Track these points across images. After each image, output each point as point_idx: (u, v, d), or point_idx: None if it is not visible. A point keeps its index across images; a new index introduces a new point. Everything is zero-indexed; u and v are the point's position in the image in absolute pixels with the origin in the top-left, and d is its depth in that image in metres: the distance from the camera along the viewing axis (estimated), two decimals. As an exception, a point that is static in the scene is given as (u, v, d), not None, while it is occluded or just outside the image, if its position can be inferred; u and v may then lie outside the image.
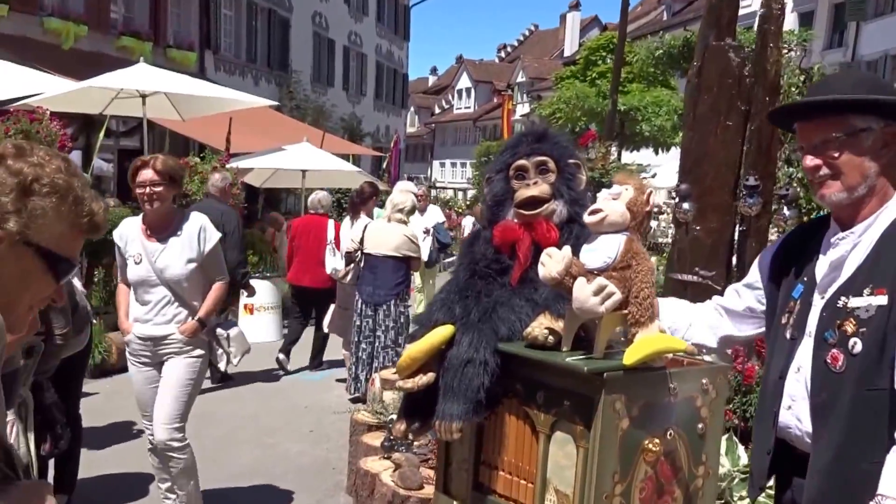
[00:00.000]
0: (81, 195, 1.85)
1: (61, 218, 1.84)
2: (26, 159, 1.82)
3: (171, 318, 5.62)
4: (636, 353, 2.23)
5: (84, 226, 1.88)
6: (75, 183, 1.85)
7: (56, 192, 1.82)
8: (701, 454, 2.49)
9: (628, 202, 2.37)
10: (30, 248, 1.81)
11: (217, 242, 5.74)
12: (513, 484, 2.61)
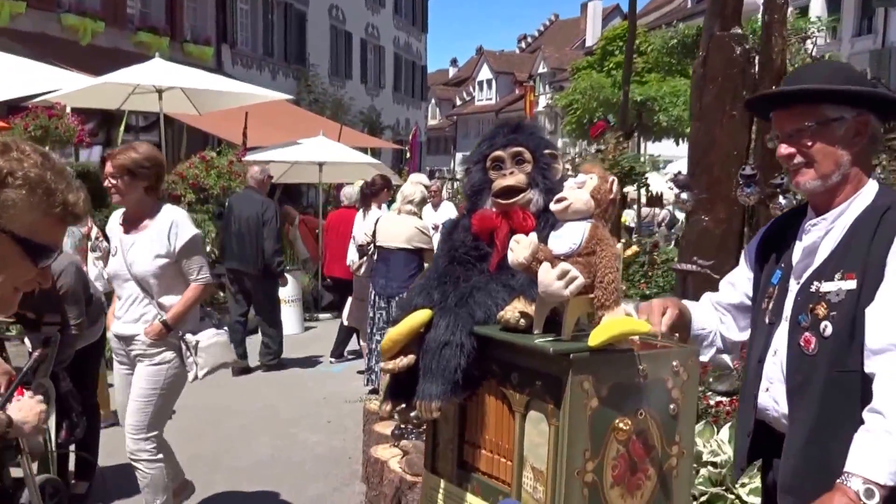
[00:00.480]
0: (54, 187, 1.97)
1: (32, 207, 1.97)
2: (6, 155, 1.95)
3: (138, 318, 5.34)
4: (601, 335, 2.32)
5: (58, 214, 2.00)
6: (48, 176, 1.97)
7: (27, 183, 1.95)
8: (674, 434, 2.57)
9: (592, 190, 2.46)
10: (5, 235, 1.94)
11: (192, 239, 5.37)
12: (494, 461, 2.71)
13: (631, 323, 2.37)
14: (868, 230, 2.63)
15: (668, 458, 2.57)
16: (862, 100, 2.73)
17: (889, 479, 2.28)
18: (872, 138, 2.79)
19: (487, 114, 72.77)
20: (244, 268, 11.09)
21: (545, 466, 2.44)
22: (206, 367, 5.47)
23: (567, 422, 2.35)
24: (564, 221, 2.49)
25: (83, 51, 20.62)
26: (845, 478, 2.33)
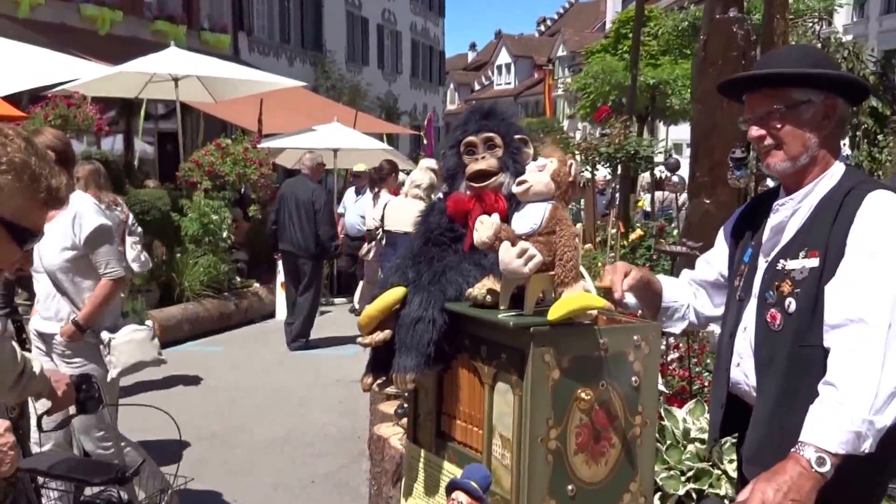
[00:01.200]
0: (39, 172, 2.10)
1: (19, 192, 2.09)
2: None
3: (54, 314, 5.10)
4: (559, 310, 2.45)
5: (43, 199, 2.13)
6: (32, 161, 2.09)
7: (13, 169, 2.07)
8: (637, 405, 2.69)
9: (552, 173, 2.59)
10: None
11: (97, 230, 5.08)
12: (467, 431, 2.85)
13: (588, 298, 2.51)
14: (831, 210, 2.72)
15: (632, 427, 2.70)
16: (830, 84, 2.82)
17: (840, 448, 2.37)
18: (840, 121, 2.89)
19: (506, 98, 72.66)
20: (295, 250, 11.58)
21: (511, 434, 2.58)
22: (119, 366, 5.18)
23: (530, 392, 2.48)
24: (526, 203, 2.62)
25: (102, 40, 20.84)
26: (799, 447, 2.41)
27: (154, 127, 22.88)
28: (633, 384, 2.68)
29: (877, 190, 2.70)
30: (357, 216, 14.43)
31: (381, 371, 2.94)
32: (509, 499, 2.61)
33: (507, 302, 2.63)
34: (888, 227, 2.60)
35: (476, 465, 2.64)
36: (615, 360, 2.63)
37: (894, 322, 2.48)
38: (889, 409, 2.42)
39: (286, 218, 11.64)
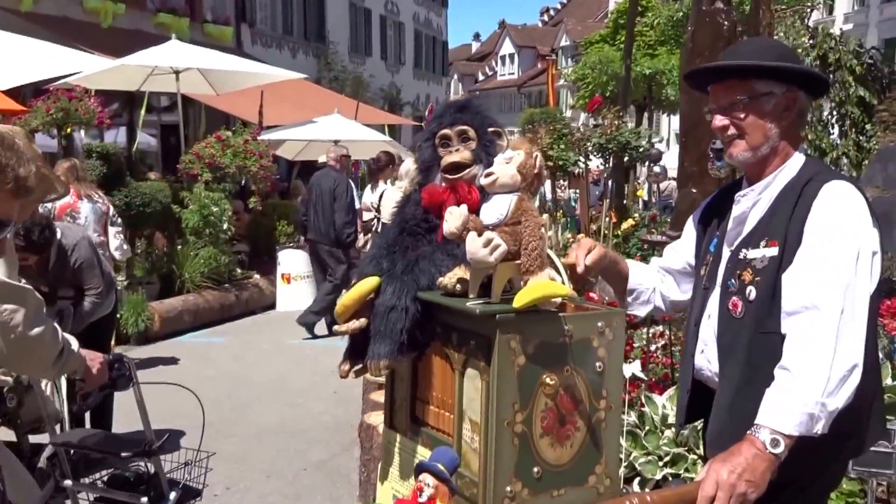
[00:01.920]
0: (4, 162, 2.16)
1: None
2: None
3: None
4: (524, 298, 2.54)
5: (10, 189, 2.20)
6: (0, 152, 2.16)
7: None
8: (601, 390, 2.78)
9: (519, 165, 2.68)
10: None
11: None
12: (440, 416, 2.95)
13: (552, 287, 2.60)
14: (790, 201, 2.81)
15: (597, 411, 2.79)
16: (791, 76, 2.91)
17: (794, 430, 2.46)
18: (800, 113, 2.98)
19: (510, 88, 72.66)
20: (319, 238, 11.82)
21: (479, 418, 2.67)
22: None
23: (496, 377, 2.58)
24: (494, 194, 2.71)
25: (105, 33, 20.94)
26: (755, 429, 2.50)
27: (157, 119, 22.95)
28: (597, 369, 2.77)
29: (833, 180, 2.79)
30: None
31: (357, 358, 3.03)
32: (477, 481, 2.70)
33: (477, 290, 2.72)
34: (841, 216, 2.69)
35: (443, 448, 2.73)
36: (580, 346, 2.72)
37: (846, 308, 2.57)
38: (841, 391, 2.51)
39: (312, 208, 11.99)
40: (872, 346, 2.81)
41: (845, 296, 2.58)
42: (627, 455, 4.81)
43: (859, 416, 2.79)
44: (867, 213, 2.74)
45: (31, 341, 3.18)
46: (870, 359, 2.71)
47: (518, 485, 2.67)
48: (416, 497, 2.66)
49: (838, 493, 4.50)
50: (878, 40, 37.46)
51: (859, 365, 2.55)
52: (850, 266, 2.62)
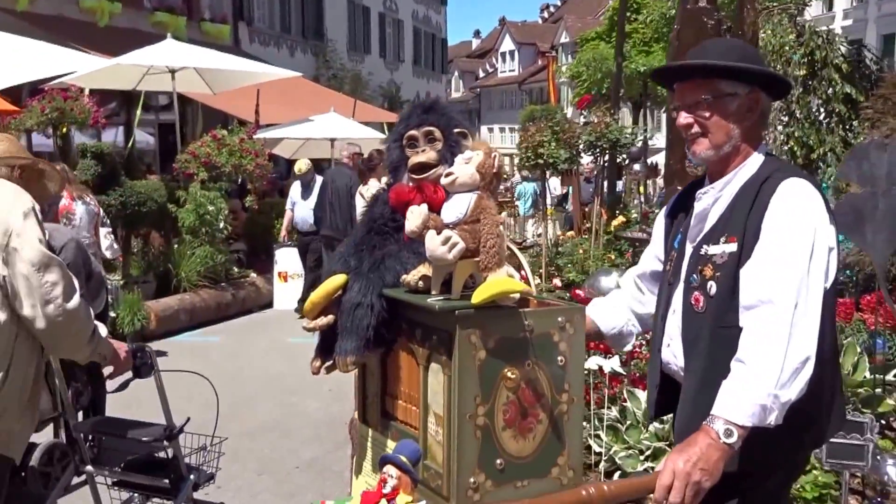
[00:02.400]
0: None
1: None
2: None
3: None
4: (483, 294, 2.61)
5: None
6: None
7: None
8: (563, 383, 2.85)
9: (478, 165, 2.75)
10: None
11: None
12: (408, 410, 3.02)
13: (510, 283, 2.66)
14: (749, 198, 2.88)
15: (559, 404, 2.85)
16: (754, 78, 2.98)
17: (747, 421, 2.54)
18: (762, 114, 3.05)
19: (510, 85, 72.71)
20: (335, 234, 11.93)
21: (443, 411, 2.74)
22: None
23: (457, 371, 2.65)
24: (454, 193, 2.78)
25: (101, 32, 20.95)
26: (710, 420, 2.58)
27: (154, 118, 23.01)
28: (559, 363, 2.84)
29: (790, 178, 2.86)
30: (307, 210, 13.76)
31: (327, 354, 3.11)
32: (442, 472, 2.77)
33: (439, 287, 2.79)
34: (796, 213, 2.76)
35: (406, 441, 2.81)
36: (541, 340, 2.79)
37: (800, 303, 2.64)
38: (794, 383, 2.58)
39: (327, 204, 12.31)
40: (830, 340, 2.89)
41: (799, 291, 2.65)
42: (608, 449, 4.88)
43: (818, 407, 2.87)
44: (823, 210, 2.81)
45: (70, 315, 3.43)
46: (827, 352, 2.80)
47: (481, 476, 2.74)
48: (381, 488, 2.73)
49: (813, 484, 4.58)
50: (877, 36, 37.55)
51: (812, 358, 2.62)
52: (804, 262, 2.69)
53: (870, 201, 5.08)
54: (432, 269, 2.78)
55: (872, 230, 5.04)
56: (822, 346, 2.72)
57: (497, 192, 2.82)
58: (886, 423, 5.51)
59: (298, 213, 14.10)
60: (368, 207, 3.24)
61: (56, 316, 3.41)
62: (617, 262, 9.89)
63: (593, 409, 4.98)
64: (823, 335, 2.73)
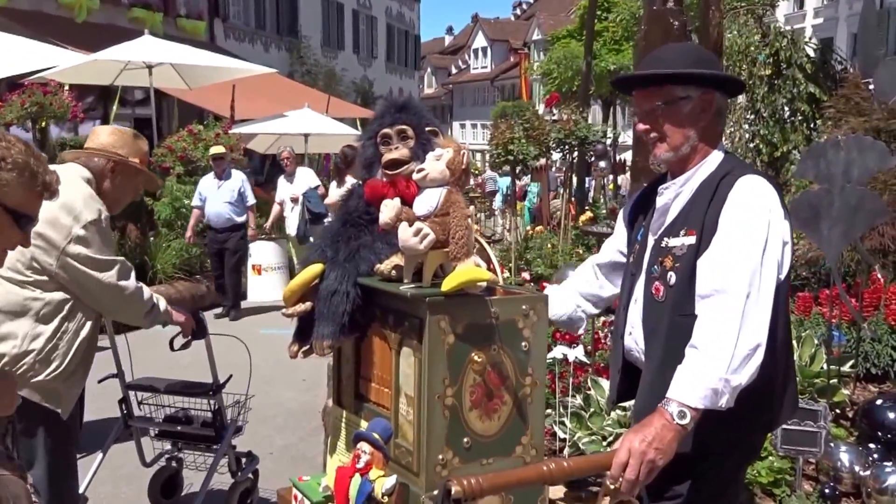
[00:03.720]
0: (36, 170, 2.52)
1: (21, 186, 2.51)
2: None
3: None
4: (452, 282, 2.79)
5: (39, 191, 2.55)
6: (31, 161, 2.53)
7: (16, 167, 2.49)
8: (527, 367, 3.05)
9: (448, 162, 2.94)
10: (0, 208, 2.47)
11: None
12: (380, 392, 3.21)
13: (477, 272, 2.85)
14: (708, 193, 3.05)
15: (522, 387, 3.05)
16: (706, 80, 3.15)
17: (699, 403, 2.69)
18: (718, 112, 3.21)
19: (483, 82, 72.83)
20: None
21: (413, 393, 2.93)
22: None
23: (427, 354, 2.83)
24: (425, 188, 2.97)
25: (79, 28, 21.05)
26: (665, 402, 2.73)
27: (131, 113, 23.04)
28: (523, 348, 3.03)
29: (747, 175, 3.04)
30: (223, 204, 12.74)
31: (304, 340, 3.30)
32: (412, 450, 2.96)
33: (411, 276, 2.98)
34: (752, 208, 2.93)
35: (378, 419, 3.00)
36: (506, 326, 2.99)
37: (752, 292, 2.81)
38: (745, 369, 2.75)
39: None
40: (783, 328, 3.08)
41: (752, 281, 2.82)
42: (572, 436, 5.07)
43: (771, 392, 3.05)
44: (778, 205, 2.99)
45: (126, 296, 4.19)
46: (779, 340, 2.99)
47: (449, 453, 2.93)
48: (355, 463, 2.92)
49: (769, 469, 4.78)
50: (848, 34, 37.88)
51: (762, 345, 2.78)
52: (758, 254, 2.86)
53: (826, 198, 5.29)
54: (404, 258, 2.96)
55: (828, 226, 5.26)
56: (775, 334, 2.90)
57: (465, 187, 3.00)
58: (841, 413, 5.74)
59: (211, 207, 12.81)
60: (344, 201, 3.42)
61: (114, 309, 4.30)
62: (584, 256, 10.06)
63: (558, 397, 5.16)
64: (776, 324, 2.91)
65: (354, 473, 2.93)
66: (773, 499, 4.82)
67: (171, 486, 5.88)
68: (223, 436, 5.36)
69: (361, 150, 3.42)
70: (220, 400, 5.37)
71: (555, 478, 2.58)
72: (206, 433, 5.37)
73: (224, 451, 5.39)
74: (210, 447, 5.47)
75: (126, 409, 5.42)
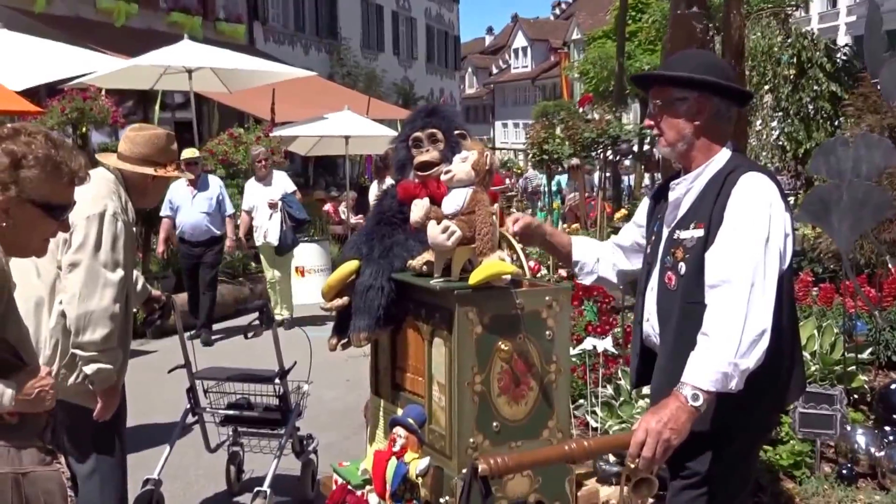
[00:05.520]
0: (60, 161, 2.67)
1: (47, 179, 2.69)
2: (16, 140, 2.65)
3: None
4: (478, 275, 2.99)
5: (66, 180, 2.71)
6: (53, 153, 2.68)
7: (39, 162, 2.66)
8: (552, 355, 3.24)
9: (473, 163, 3.12)
10: (29, 203, 2.66)
11: None
12: (415, 381, 3.42)
13: (502, 266, 3.04)
14: (715, 189, 3.24)
15: (548, 374, 3.24)
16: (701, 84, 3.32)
17: (711, 386, 2.88)
18: (717, 114, 3.36)
19: (524, 81, 72.75)
20: None
21: (445, 380, 3.12)
22: None
23: (457, 344, 3.03)
24: (452, 188, 3.16)
25: (118, 33, 21.31)
26: (679, 386, 2.92)
27: (171, 117, 23.31)
28: (547, 337, 3.22)
29: (749, 172, 3.23)
30: (199, 214, 11.40)
31: (342, 333, 3.51)
32: (445, 434, 3.16)
33: (441, 271, 3.17)
34: (754, 203, 3.12)
35: (412, 405, 3.20)
36: (531, 317, 3.18)
37: (757, 282, 3.00)
38: (752, 353, 2.93)
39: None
40: (789, 315, 3.26)
41: (755, 271, 3.00)
42: (603, 424, 5.25)
43: (778, 375, 3.23)
44: (778, 199, 3.18)
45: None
46: (785, 327, 3.18)
47: (480, 437, 3.12)
48: (391, 447, 3.12)
49: (789, 452, 4.95)
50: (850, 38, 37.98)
51: (768, 330, 2.96)
52: (760, 245, 3.05)
53: (835, 192, 5.50)
54: (434, 255, 3.16)
55: (838, 218, 5.46)
56: (781, 320, 3.09)
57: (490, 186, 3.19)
58: (860, 398, 5.90)
59: (186, 218, 11.39)
60: (378, 201, 3.62)
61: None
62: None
63: (590, 387, 5.35)
64: (781, 311, 3.09)
65: (391, 456, 3.13)
66: (793, 480, 4.99)
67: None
68: (289, 418, 5.65)
69: (394, 153, 3.63)
70: (285, 385, 5.69)
71: (576, 457, 2.76)
72: (273, 417, 5.68)
73: (290, 433, 5.68)
74: (272, 431, 5.76)
75: (193, 398, 5.72)
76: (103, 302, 3.96)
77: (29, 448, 2.70)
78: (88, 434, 4.15)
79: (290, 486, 6.14)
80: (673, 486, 3.30)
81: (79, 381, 4.03)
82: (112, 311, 4.00)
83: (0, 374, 2.59)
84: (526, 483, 3.22)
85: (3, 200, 2.63)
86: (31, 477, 2.67)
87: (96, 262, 3.97)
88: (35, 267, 3.89)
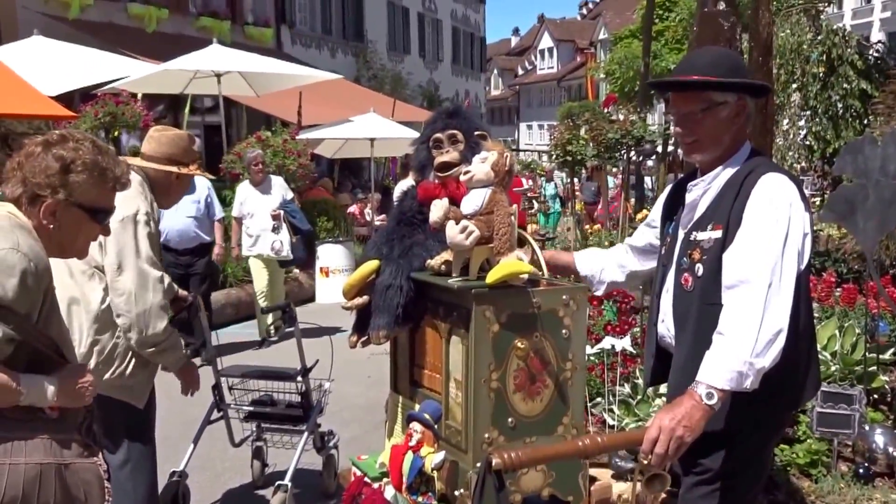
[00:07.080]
0: (105, 167, 2.80)
1: (93, 184, 2.81)
2: (65, 145, 2.76)
3: None
4: (495, 275, 3.06)
5: (111, 186, 2.82)
6: (100, 159, 2.81)
7: (87, 168, 2.78)
8: (568, 353, 3.30)
9: (492, 164, 3.19)
10: (76, 207, 2.79)
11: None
12: (432, 378, 3.50)
13: (519, 265, 3.11)
14: (734, 190, 3.26)
15: (563, 371, 3.31)
16: (741, 87, 3.34)
17: (725, 385, 2.91)
18: (748, 116, 3.42)
19: (549, 82, 72.56)
20: None
21: (461, 377, 3.20)
22: None
23: (473, 342, 3.10)
24: (471, 189, 3.23)
25: (149, 38, 21.54)
26: (694, 384, 2.95)
27: (201, 120, 23.54)
28: (563, 336, 3.29)
29: (769, 173, 3.24)
30: (185, 219, 10.17)
31: (362, 331, 3.58)
32: (461, 430, 3.23)
33: (459, 270, 3.25)
34: (773, 203, 3.14)
35: (429, 401, 3.28)
36: (547, 315, 3.24)
37: (774, 282, 3.02)
38: (768, 353, 2.96)
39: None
40: (805, 315, 3.28)
41: (773, 271, 3.03)
42: (620, 422, 5.30)
43: (794, 374, 3.26)
44: (798, 200, 3.19)
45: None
46: (801, 327, 3.20)
47: (495, 433, 3.19)
48: (408, 441, 3.20)
49: (806, 451, 4.98)
50: (884, 35, 37.68)
51: (784, 330, 2.99)
52: (778, 246, 3.07)
53: (861, 192, 5.46)
54: (453, 254, 3.23)
55: (863, 218, 5.43)
56: (797, 320, 3.10)
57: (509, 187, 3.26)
58: (880, 398, 5.91)
59: (171, 224, 10.02)
60: (399, 202, 3.70)
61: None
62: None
63: (608, 386, 5.41)
64: (798, 311, 3.11)
65: (407, 450, 3.21)
66: (809, 478, 5.02)
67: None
68: (310, 415, 5.76)
69: (415, 154, 3.69)
70: (307, 382, 5.78)
71: (589, 452, 2.82)
72: (295, 413, 5.79)
73: (312, 429, 5.78)
74: (294, 427, 5.87)
75: (218, 395, 5.83)
76: (157, 297, 4.18)
77: (69, 441, 2.80)
78: (122, 425, 4.29)
79: (312, 481, 6.26)
80: (685, 482, 3.33)
81: (114, 376, 4.17)
82: (164, 303, 4.26)
83: (44, 370, 2.68)
84: (540, 478, 3.30)
85: (52, 203, 2.74)
86: (72, 468, 2.77)
87: (141, 261, 4.14)
88: (68, 267, 4.00)
